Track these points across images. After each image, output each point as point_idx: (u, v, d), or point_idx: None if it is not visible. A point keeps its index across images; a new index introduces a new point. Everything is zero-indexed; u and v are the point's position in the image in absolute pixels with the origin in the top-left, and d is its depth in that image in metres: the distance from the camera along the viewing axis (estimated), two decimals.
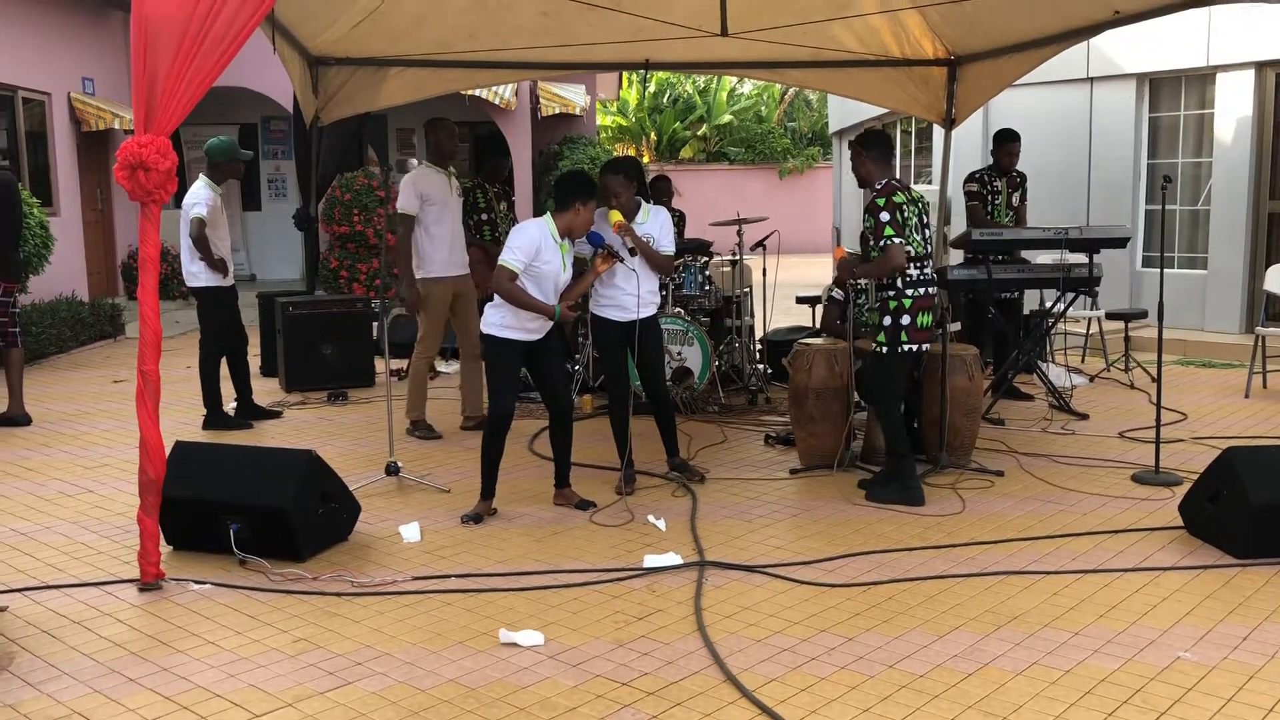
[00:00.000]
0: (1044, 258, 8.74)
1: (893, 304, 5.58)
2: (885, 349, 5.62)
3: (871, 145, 5.69)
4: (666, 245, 5.81)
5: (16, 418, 7.67)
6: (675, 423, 6.07)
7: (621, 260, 5.54)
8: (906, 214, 5.54)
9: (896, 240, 5.45)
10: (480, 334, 5.40)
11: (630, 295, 5.66)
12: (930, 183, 14.29)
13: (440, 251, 7.03)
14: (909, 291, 5.56)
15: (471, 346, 7.21)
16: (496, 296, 5.25)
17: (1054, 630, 4.01)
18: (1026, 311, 8.70)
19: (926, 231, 5.71)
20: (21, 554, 4.97)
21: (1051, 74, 9.66)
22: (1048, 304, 8.20)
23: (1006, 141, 8.21)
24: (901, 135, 16.29)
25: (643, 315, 5.75)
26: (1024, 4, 7.06)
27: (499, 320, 5.28)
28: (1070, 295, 7.35)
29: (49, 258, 10.21)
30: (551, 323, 5.34)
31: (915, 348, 5.62)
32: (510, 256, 5.19)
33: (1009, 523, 5.29)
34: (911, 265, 5.55)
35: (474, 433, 7.15)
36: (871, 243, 5.62)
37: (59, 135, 12.69)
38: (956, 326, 7.81)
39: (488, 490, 5.42)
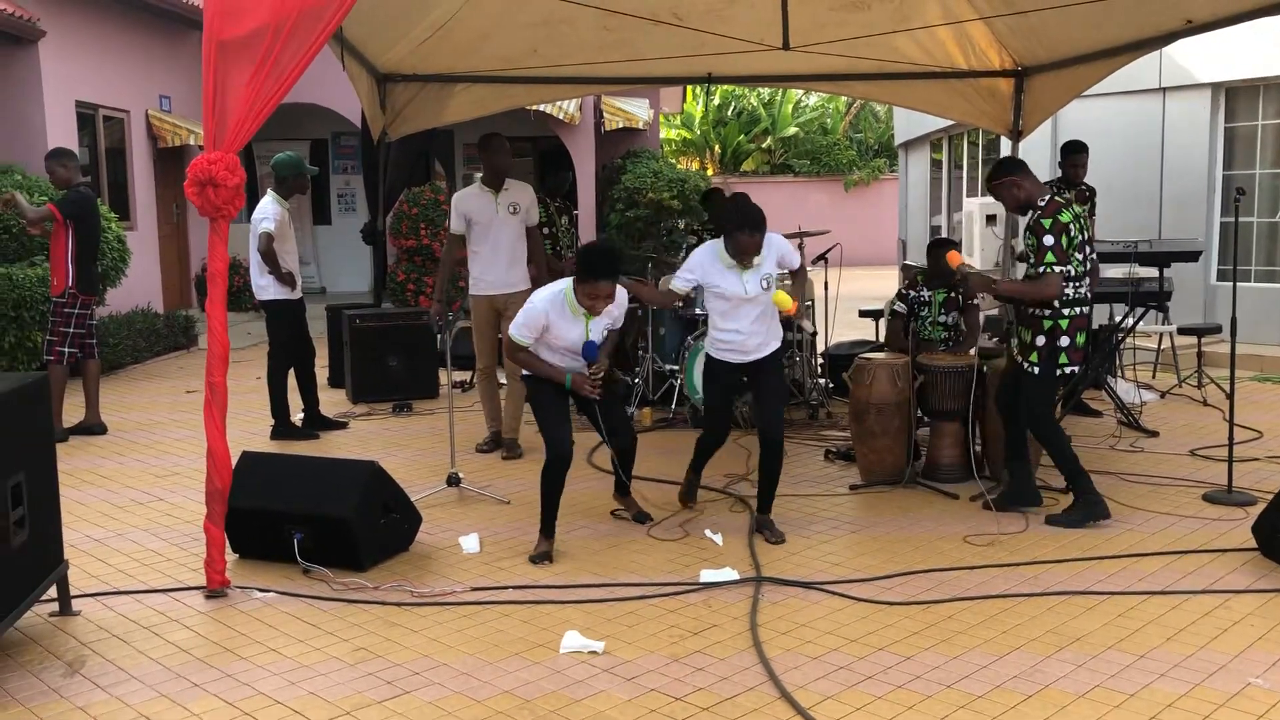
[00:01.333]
0: (1113, 271, 8.58)
1: (1048, 324, 5.38)
2: (1038, 369, 5.42)
3: (1017, 168, 5.50)
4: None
5: (92, 427, 7.88)
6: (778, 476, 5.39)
7: (598, 389, 5.04)
8: (1073, 234, 5.31)
9: (1057, 269, 5.24)
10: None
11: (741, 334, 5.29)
12: None
13: (478, 269, 7.01)
14: (1066, 311, 5.35)
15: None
16: None
17: (1118, 653, 3.93)
18: (1095, 326, 8.54)
19: (1088, 249, 5.47)
20: (95, 560, 5.11)
21: (1122, 84, 9.49)
22: (1117, 318, 8.04)
23: (1074, 153, 8.08)
24: (968, 147, 16.11)
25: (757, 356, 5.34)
26: (1093, 14, 6.95)
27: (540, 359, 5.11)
28: (1139, 310, 7.20)
29: (125, 271, 10.49)
30: (592, 393, 5.04)
31: (1074, 369, 5.45)
32: (515, 331, 5.01)
33: (1073, 541, 5.19)
34: (1069, 285, 5.34)
35: (532, 444, 7.20)
36: (1032, 260, 5.40)
37: (137, 152, 13.05)
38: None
39: (548, 528, 5.09)
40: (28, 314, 8.93)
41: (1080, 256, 5.37)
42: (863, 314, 9.46)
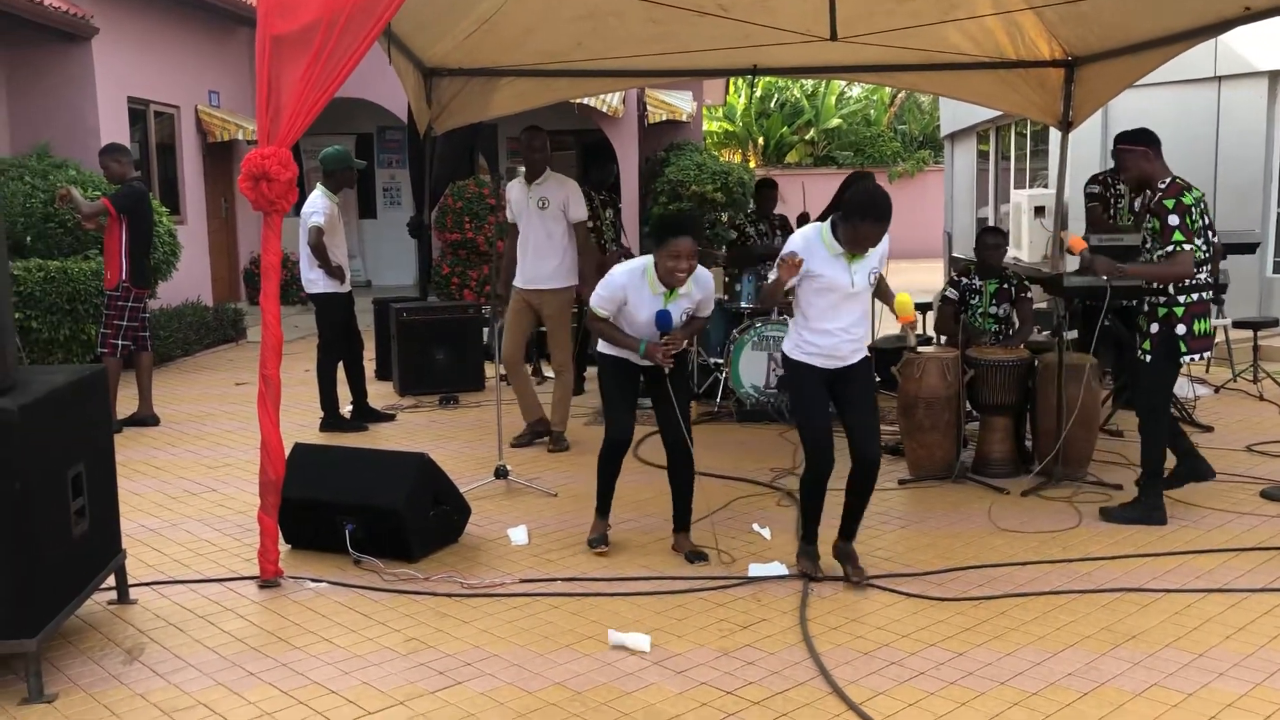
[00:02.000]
0: None
1: (1163, 310, 5.25)
2: (1150, 357, 5.31)
3: (1154, 141, 5.37)
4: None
5: (145, 419, 8.00)
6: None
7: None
8: (1194, 216, 5.19)
9: (1187, 247, 5.10)
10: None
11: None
12: (1046, 186, 13.94)
13: (513, 262, 7.07)
14: (1181, 298, 5.22)
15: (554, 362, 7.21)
16: None
17: (1175, 651, 3.87)
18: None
19: (1209, 233, 5.34)
20: (151, 549, 5.18)
21: (1176, 73, 9.34)
22: None
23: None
24: (1015, 138, 15.92)
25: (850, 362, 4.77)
26: (1148, 2, 6.84)
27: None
28: None
29: (176, 264, 10.64)
30: (668, 366, 4.82)
31: (1195, 357, 5.29)
32: (596, 301, 4.87)
33: (1127, 538, 5.12)
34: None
35: (579, 437, 7.22)
36: (1149, 245, 5.30)
37: (186, 146, 13.22)
38: (1073, 335, 7.60)
39: (603, 509, 5.10)
40: (82, 307, 9.08)
41: (1199, 241, 5.21)
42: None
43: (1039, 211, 13.40)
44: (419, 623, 4.25)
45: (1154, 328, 5.29)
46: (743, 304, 7.98)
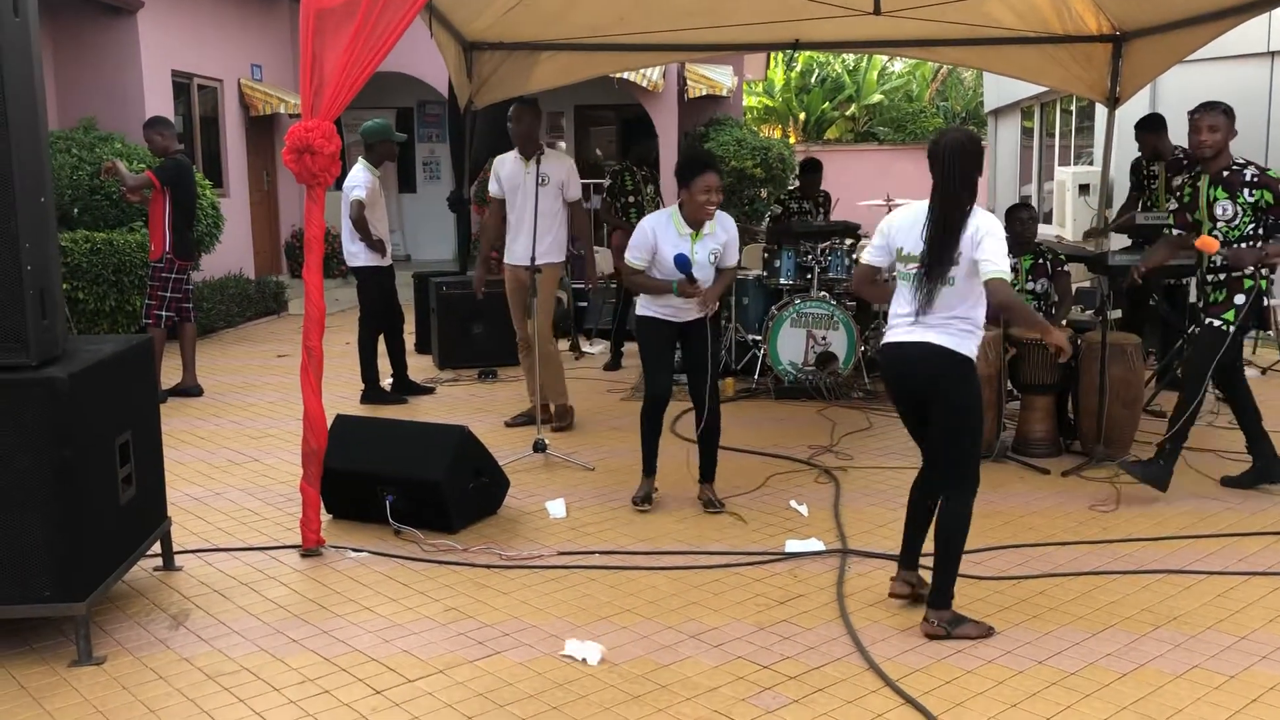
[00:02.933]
0: None
1: (1248, 283, 5.23)
2: (1233, 328, 5.26)
3: (1234, 119, 5.36)
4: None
5: (189, 389, 8.11)
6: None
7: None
8: None
9: None
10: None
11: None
12: (1091, 164, 13.75)
13: (509, 237, 6.87)
14: (1264, 271, 5.24)
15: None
16: None
17: (1217, 633, 3.84)
18: (1193, 299, 8.29)
19: None
20: (195, 518, 5.27)
21: (1227, 48, 9.13)
22: None
23: (1140, 131, 7.80)
24: (1060, 114, 15.71)
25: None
26: None
27: (643, 300, 5.25)
28: None
29: (219, 237, 10.75)
30: (702, 308, 5.08)
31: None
32: (629, 255, 5.13)
33: (1169, 519, 5.07)
34: None
35: (617, 412, 7.24)
36: (1249, 220, 5.22)
37: (229, 120, 13.32)
38: (1117, 314, 7.51)
39: (649, 468, 5.37)
40: (127, 279, 9.20)
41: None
42: None
43: (1083, 189, 13.23)
44: (458, 593, 4.30)
45: (1239, 299, 5.25)
46: (781, 280, 7.95)
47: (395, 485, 4.94)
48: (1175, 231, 5.59)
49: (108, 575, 3.84)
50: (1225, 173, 5.28)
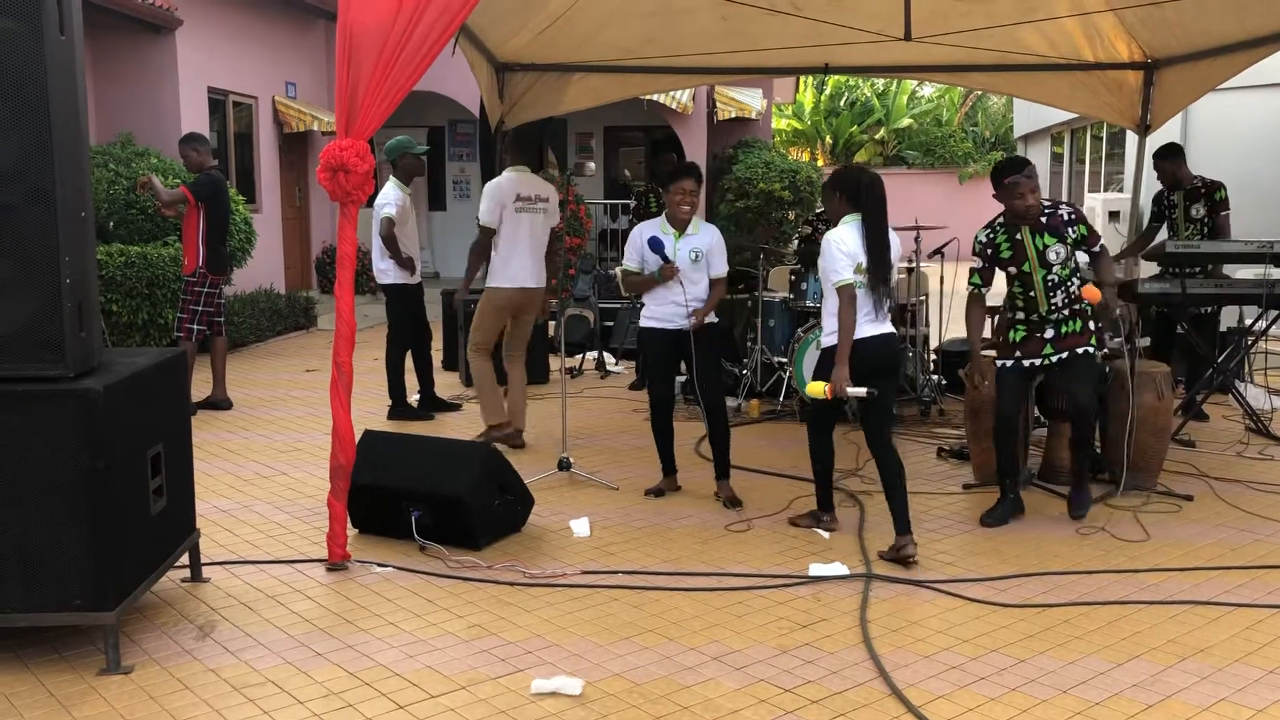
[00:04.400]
0: (1246, 272, 8.26)
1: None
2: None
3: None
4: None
5: (219, 402, 8.19)
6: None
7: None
8: None
9: None
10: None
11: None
12: (1122, 191, 13.69)
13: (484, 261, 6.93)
14: None
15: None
16: None
17: (1245, 666, 3.80)
18: (1224, 329, 8.24)
19: None
20: (223, 530, 5.32)
21: (1261, 77, 9.11)
22: (1248, 321, 7.74)
23: (1159, 160, 7.78)
24: (1091, 141, 15.66)
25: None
26: (1233, 3, 6.69)
27: (644, 311, 5.74)
28: (1274, 313, 6.93)
29: (251, 252, 10.87)
30: (693, 318, 5.52)
31: None
32: (625, 260, 5.77)
33: (1197, 550, 5.03)
34: None
35: (642, 432, 7.25)
36: (1072, 257, 5.32)
37: (263, 136, 13.48)
38: (1146, 342, 7.47)
39: (667, 467, 5.89)
40: (160, 292, 9.32)
41: None
42: None
43: (1113, 216, 13.17)
44: (482, 610, 4.32)
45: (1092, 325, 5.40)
46: (808, 302, 7.96)
47: (421, 501, 4.97)
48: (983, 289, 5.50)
49: (137, 585, 3.89)
50: (1043, 219, 5.29)
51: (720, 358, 5.78)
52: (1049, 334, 5.35)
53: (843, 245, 4.84)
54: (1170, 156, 7.78)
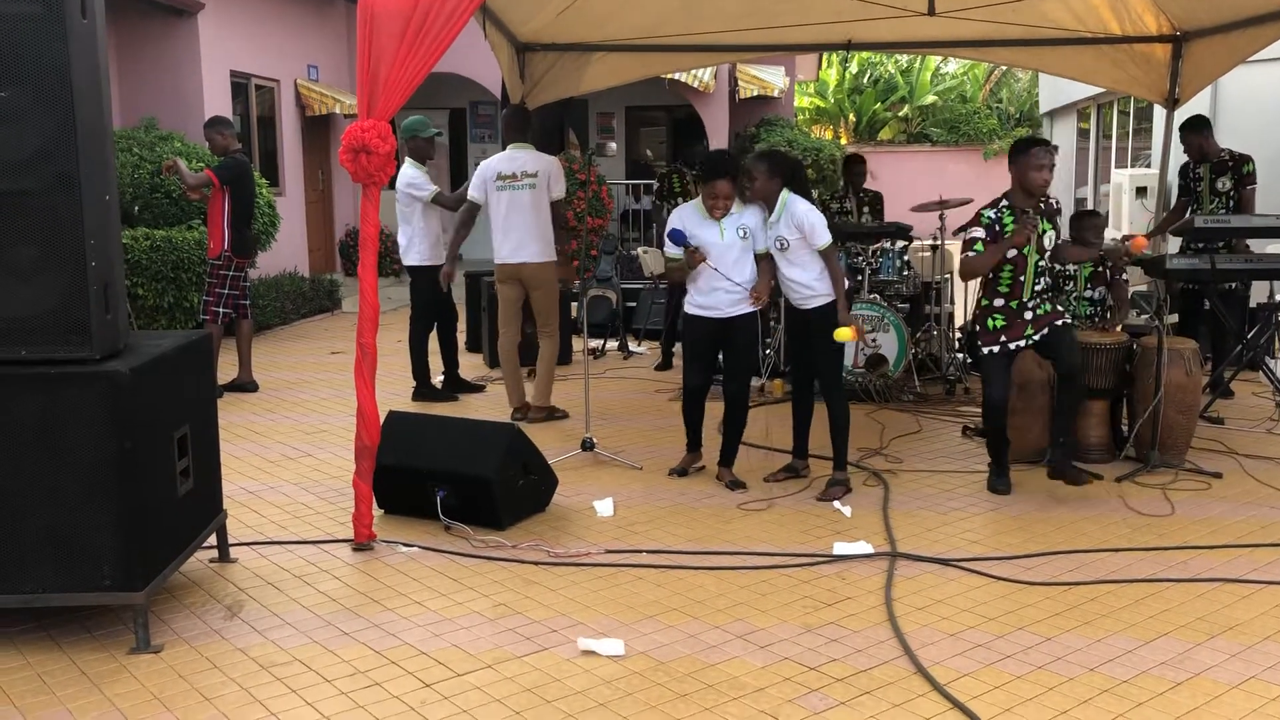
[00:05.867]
0: (1274, 247, 8.16)
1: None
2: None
3: None
4: (821, 237, 5.35)
5: (245, 384, 8.24)
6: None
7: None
8: None
9: None
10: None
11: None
12: (1149, 166, 13.54)
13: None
14: None
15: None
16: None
17: (1275, 644, 3.77)
18: (1254, 305, 8.14)
19: None
20: (250, 511, 5.36)
21: None
22: (1278, 297, 7.65)
23: (1185, 132, 7.70)
24: (1118, 116, 15.49)
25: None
26: None
27: (689, 297, 5.64)
28: None
29: (275, 235, 10.91)
30: (744, 302, 5.46)
31: None
32: (665, 248, 5.66)
33: (1226, 528, 4.99)
34: None
35: (665, 413, 7.25)
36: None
37: (286, 119, 13.51)
38: (1174, 318, 7.39)
39: (692, 444, 5.88)
40: (185, 275, 9.37)
41: None
42: None
43: (1140, 192, 13.02)
44: (507, 589, 4.33)
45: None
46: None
47: (446, 481, 4.99)
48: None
49: (166, 566, 3.92)
50: (1043, 205, 5.40)
51: (753, 352, 5.77)
52: (1027, 316, 5.41)
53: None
54: (1197, 129, 7.68)
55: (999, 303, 5.44)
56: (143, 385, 3.74)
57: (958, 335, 8.69)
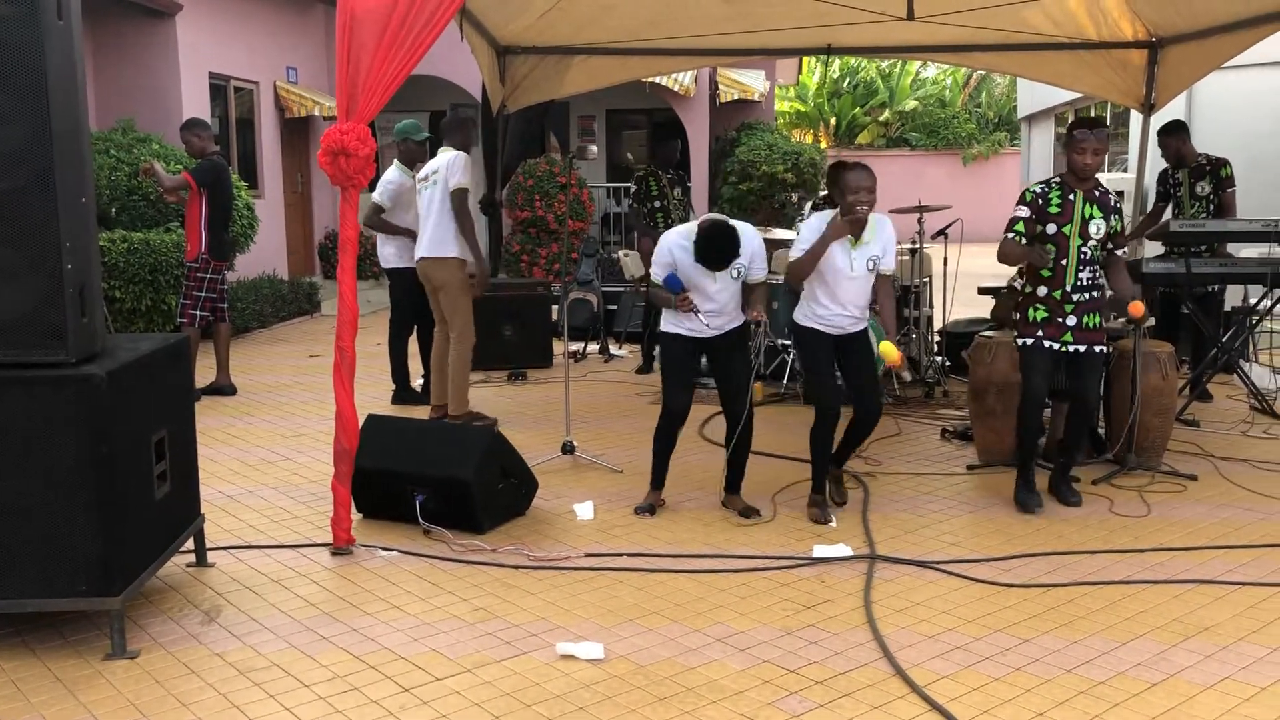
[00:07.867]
0: (1250, 251, 8.24)
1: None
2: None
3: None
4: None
5: (223, 388, 8.20)
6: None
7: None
8: None
9: None
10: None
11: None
12: (1125, 171, 13.63)
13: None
14: None
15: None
16: None
17: (1249, 645, 3.80)
18: (1229, 308, 8.22)
19: None
20: (228, 515, 5.33)
21: (1266, 55, 9.06)
22: (1252, 300, 7.72)
23: (1163, 136, 7.78)
24: None
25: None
26: None
27: (666, 315, 5.25)
28: (1278, 292, 6.91)
29: (253, 238, 10.86)
30: (731, 320, 5.17)
31: None
32: (653, 271, 5.20)
33: (1201, 529, 5.03)
34: None
35: (646, 415, 7.25)
36: (1102, 243, 5.24)
37: (265, 122, 13.46)
38: (1151, 322, 7.45)
39: (657, 480, 5.38)
40: (163, 278, 9.32)
41: None
42: (982, 290, 9.26)
43: (1117, 196, 13.09)
44: (486, 593, 4.32)
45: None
46: None
47: (425, 485, 4.98)
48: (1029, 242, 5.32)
49: (142, 570, 3.90)
50: (1097, 192, 5.23)
51: (748, 367, 5.28)
52: (1071, 321, 5.22)
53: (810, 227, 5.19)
54: (1175, 133, 7.75)
55: (1042, 291, 5.25)
56: (120, 389, 3.71)
57: (937, 339, 8.72)
